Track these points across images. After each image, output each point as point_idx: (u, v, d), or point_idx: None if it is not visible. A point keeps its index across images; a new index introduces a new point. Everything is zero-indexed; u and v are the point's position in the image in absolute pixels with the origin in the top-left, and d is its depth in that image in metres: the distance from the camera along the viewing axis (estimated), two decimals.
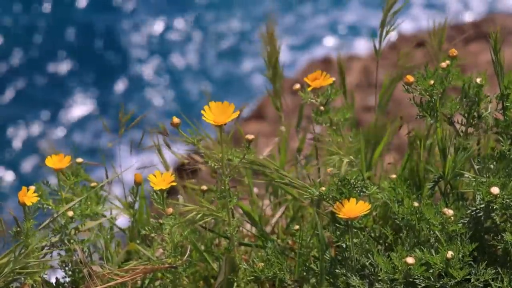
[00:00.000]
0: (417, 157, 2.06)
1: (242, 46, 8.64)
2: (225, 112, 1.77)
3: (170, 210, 1.84)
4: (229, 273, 1.91)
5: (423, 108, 1.89)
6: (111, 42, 8.67)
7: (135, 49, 8.63)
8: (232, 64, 8.48)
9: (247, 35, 8.72)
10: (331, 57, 7.12)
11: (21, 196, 1.86)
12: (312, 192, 1.84)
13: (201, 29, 8.84)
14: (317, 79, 1.96)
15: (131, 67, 8.45)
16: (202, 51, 8.64)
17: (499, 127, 1.89)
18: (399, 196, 1.84)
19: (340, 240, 1.84)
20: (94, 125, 7.89)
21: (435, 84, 1.87)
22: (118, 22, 8.87)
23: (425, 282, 1.73)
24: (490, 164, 1.88)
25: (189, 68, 8.48)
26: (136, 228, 2.16)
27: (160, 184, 1.83)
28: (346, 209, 1.76)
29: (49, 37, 8.64)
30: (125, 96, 8.18)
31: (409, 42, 6.26)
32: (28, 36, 8.64)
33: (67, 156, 1.99)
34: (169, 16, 8.94)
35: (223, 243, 2.15)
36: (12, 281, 1.84)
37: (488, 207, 1.79)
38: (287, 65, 2.97)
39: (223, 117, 1.76)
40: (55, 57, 8.50)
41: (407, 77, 1.87)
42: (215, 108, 1.77)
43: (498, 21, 5.89)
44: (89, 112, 8.04)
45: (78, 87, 8.23)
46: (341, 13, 8.90)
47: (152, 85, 8.31)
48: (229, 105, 1.77)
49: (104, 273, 1.91)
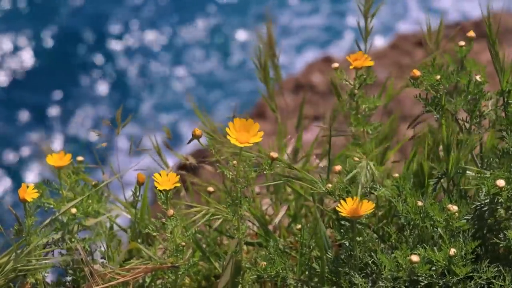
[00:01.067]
0: (422, 155, 2.06)
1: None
2: (249, 130, 1.76)
3: (171, 212, 1.83)
4: (235, 275, 1.90)
5: (429, 103, 1.89)
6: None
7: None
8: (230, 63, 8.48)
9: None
10: (332, 56, 7.11)
11: (21, 192, 1.86)
12: (319, 188, 1.84)
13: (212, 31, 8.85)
14: (358, 60, 1.97)
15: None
16: (201, 49, 8.64)
17: (501, 124, 1.88)
18: (404, 194, 1.84)
19: (344, 238, 1.83)
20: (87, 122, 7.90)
21: (441, 79, 1.87)
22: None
23: (428, 280, 1.73)
24: (493, 161, 1.87)
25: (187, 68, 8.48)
26: (138, 227, 2.15)
27: (164, 184, 1.83)
28: (350, 207, 1.76)
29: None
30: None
31: (409, 41, 6.26)
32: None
33: (67, 154, 1.98)
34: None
35: (225, 241, 2.14)
36: (13, 279, 1.83)
37: (493, 201, 1.79)
38: (286, 65, 2.97)
39: (246, 136, 1.75)
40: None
41: (414, 71, 1.87)
42: (239, 125, 1.76)
43: (498, 20, 5.89)
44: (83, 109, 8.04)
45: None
46: (339, 12, 8.90)
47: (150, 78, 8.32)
48: (253, 124, 1.76)
49: (106, 272, 1.90)
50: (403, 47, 6.21)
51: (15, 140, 7.75)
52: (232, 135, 1.75)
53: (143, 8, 9.01)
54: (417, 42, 6.27)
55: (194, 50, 8.64)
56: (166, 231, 1.84)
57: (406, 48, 6.20)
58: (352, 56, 1.98)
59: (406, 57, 6.04)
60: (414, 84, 1.88)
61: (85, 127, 7.85)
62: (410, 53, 6.17)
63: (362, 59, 1.97)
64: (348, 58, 1.97)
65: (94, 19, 8.84)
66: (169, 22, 8.90)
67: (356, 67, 1.98)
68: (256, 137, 1.75)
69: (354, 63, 1.97)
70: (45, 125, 7.90)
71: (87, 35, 8.66)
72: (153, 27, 8.85)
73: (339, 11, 8.91)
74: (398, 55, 6.07)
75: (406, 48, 6.20)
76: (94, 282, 1.90)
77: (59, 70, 8.40)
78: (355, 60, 1.97)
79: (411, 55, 6.16)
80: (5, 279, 1.81)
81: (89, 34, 8.66)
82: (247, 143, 1.75)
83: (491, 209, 1.81)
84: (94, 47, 8.58)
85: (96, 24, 8.76)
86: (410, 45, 6.25)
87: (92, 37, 8.66)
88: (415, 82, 1.88)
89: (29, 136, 7.77)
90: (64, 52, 8.52)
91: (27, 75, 8.32)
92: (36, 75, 8.34)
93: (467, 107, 1.89)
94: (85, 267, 1.93)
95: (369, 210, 1.75)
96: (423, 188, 2.01)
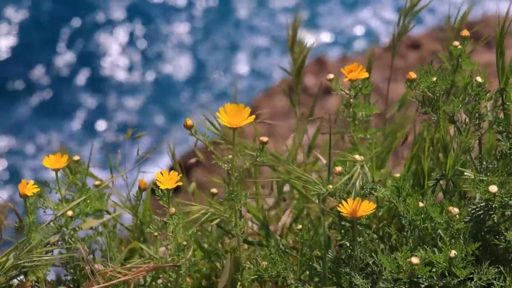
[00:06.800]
0: (422, 157, 2.07)
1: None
2: (240, 114, 1.76)
3: (172, 210, 1.83)
4: (234, 272, 1.90)
5: (426, 105, 1.89)
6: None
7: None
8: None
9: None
10: (324, 58, 7.12)
11: (21, 188, 1.85)
12: (319, 189, 1.84)
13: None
14: (353, 71, 1.95)
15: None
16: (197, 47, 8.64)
17: (499, 126, 1.89)
18: (404, 194, 1.84)
19: (345, 239, 1.84)
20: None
21: (437, 81, 1.87)
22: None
23: (428, 281, 1.74)
24: (490, 163, 1.88)
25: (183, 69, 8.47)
26: (140, 226, 2.15)
27: (166, 183, 1.83)
28: (351, 208, 1.76)
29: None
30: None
31: (402, 44, 6.28)
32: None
33: (64, 156, 1.98)
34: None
35: (227, 241, 2.15)
36: (14, 277, 1.83)
37: (487, 206, 1.79)
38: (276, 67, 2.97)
39: (238, 119, 1.76)
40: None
41: (410, 74, 1.85)
42: (230, 110, 1.77)
43: (492, 22, 5.93)
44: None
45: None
46: (330, 13, 8.91)
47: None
48: (244, 108, 1.77)
49: (107, 271, 1.90)
50: (396, 50, 6.22)
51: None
52: (224, 119, 1.76)
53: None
54: (410, 44, 6.29)
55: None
56: (168, 230, 1.84)
57: (400, 51, 6.21)
58: (347, 67, 1.94)
59: (400, 60, 6.05)
60: (410, 86, 1.87)
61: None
62: (403, 56, 6.19)
63: (357, 70, 1.94)
64: (342, 70, 1.94)
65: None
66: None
67: (351, 79, 1.95)
68: (247, 120, 1.76)
69: (349, 75, 1.94)
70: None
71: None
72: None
73: (332, 13, 8.93)
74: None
75: (399, 51, 6.22)
76: (95, 281, 1.89)
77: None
78: (350, 72, 1.94)
79: (405, 58, 6.18)
80: (6, 277, 1.81)
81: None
82: (239, 125, 1.75)
83: (486, 212, 1.81)
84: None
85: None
86: (403, 48, 6.27)
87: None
88: (411, 84, 1.87)
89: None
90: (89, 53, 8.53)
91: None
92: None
93: (466, 108, 1.89)
94: (85, 266, 1.93)
95: (370, 211, 1.75)
96: (423, 188, 2.02)
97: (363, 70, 1.95)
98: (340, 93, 1.98)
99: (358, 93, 1.98)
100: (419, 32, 6.55)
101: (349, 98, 1.98)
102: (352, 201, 1.77)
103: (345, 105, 2.00)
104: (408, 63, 6.08)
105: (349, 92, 1.98)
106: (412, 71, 1.87)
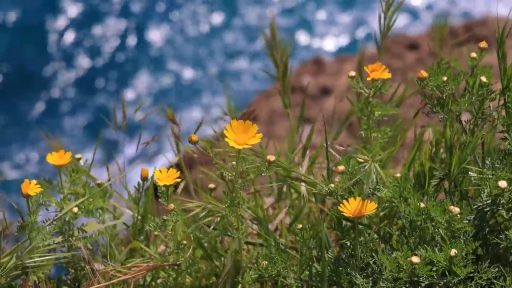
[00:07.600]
0: (423, 156, 2.07)
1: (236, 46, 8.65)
2: (247, 131, 1.75)
3: (171, 207, 1.83)
4: (235, 275, 1.90)
5: (434, 104, 1.90)
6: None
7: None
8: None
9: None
10: (322, 58, 7.13)
11: (24, 188, 1.85)
12: (321, 188, 1.84)
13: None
14: (375, 71, 1.97)
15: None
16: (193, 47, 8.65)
17: (503, 125, 1.90)
18: (405, 194, 1.85)
19: (345, 238, 1.84)
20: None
21: (448, 81, 1.88)
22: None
23: (429, 280, 1.74)
24: (495, 162, 1.89)
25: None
26: (140, 224, 2.15)
27: (165, 180, 1.83)
28: (353, 208, 1.76)
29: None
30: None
31: (400, 45, 6.29)
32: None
33: (67, 153, 1.98)
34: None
35: (227, 239, 2.15)
36: (16, 277, 1.83)
37: (495, 202, 1.80)
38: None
39: (244, 137, 1.74)
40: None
41: (421, 72, 1.87)
42: (236, 126, 1.75)
43: (490, 24, 5.93)
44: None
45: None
46: (328, 14, 8.93)
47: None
48: (251, 125, 1.75)
49: (107, 270, 1.90)
50: (394, 50, 6.23)
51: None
52: (230, 137, 1.74)
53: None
54: (408, 45, 6.30)
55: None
56: (167, 228, 1.84)
57: (397, 51, 6.22)
58: (370, 67, 1.97)
59: (398, 60, 6.06)
60: (421, 85, 1.89)
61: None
62: (401, 56, 6.20)
63: (379, 70, 1.97)
64: (366, 68, 1.97)
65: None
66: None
67: (373, 78, 1.97)
68: (254, 139, 1.75)
69: (372, 74, 1.97)
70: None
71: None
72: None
73: (329, 13, 8.94)
74: (389, 59, 6.09)
75: (397, 52, 6.22)
76: (96, 280, 1.89)
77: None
78: (372, 71, 1.97)
79: (402, 59, 6.18)
80: (7, 277, 1.81)
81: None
82: (246, 144, 1.74)
83: (492, 210, 1.82)
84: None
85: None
86: (401, 48, 6.28)
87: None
88: (422, 83, 1.89)
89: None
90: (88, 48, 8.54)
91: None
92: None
93: (471, 107, 1.91)
94: (86, 265, 1.93)
95: (372, 211, 1.76)
96: (424, 188, 2.03)
97: (385, 70, 1.97)
98: (338, 93, 1.99)
99: (376, 93, 1.99)
100: (417, 32, 6.56)
101: (368, 97, 2.00)
102: (353, 201, 1.77)
103: (364, 102, 2.01)
104: (406, 64, 6.08)
105: (368, 91, 1.99)
106: (411, 72, 1.88)
